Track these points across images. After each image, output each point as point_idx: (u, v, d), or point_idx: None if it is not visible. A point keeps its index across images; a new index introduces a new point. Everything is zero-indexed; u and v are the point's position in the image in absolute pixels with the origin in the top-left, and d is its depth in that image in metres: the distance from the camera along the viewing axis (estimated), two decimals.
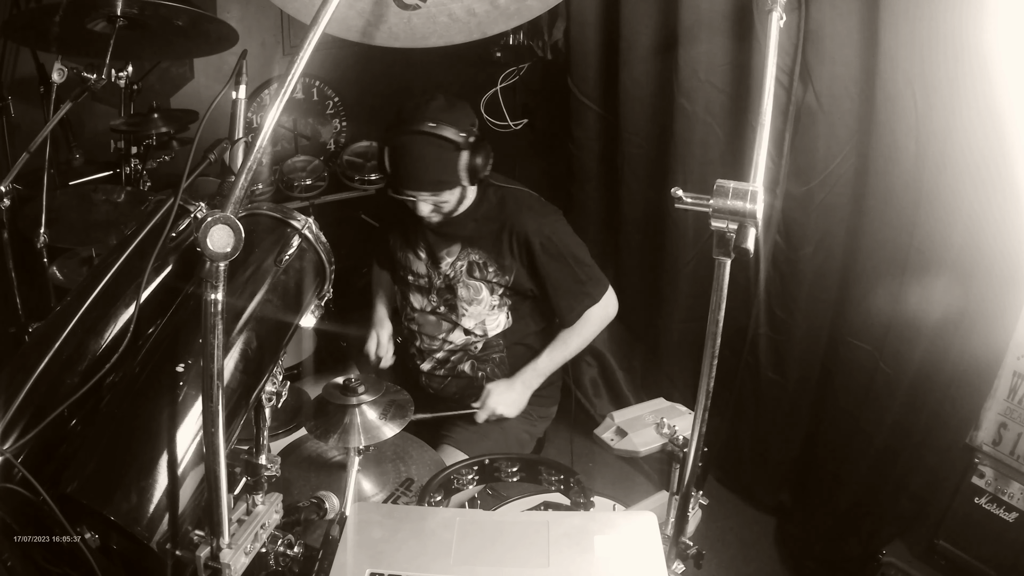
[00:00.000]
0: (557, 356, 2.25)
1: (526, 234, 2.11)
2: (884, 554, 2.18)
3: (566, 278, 2.16)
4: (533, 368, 2.24)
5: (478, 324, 2.22)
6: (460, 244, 2.18)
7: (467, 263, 2.18)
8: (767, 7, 1.21)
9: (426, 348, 2.30)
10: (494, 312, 2.22)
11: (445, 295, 2.23)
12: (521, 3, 1.59)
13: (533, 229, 2.11)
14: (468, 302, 2.20)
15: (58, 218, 2.17)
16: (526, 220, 2.13)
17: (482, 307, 2.20)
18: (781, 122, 2.21)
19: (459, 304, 2.20)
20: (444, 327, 2.26)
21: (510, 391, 2.21)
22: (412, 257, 2.27)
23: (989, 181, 1.86)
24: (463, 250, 2.18)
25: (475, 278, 2.18)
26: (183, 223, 1.37)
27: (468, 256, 2.18)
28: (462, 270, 2.18)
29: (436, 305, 2.26)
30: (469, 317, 2.21)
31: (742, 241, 1.09)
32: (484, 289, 2.18)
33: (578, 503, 1.60)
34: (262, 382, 1.26)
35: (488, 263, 2.16)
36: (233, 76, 1.68)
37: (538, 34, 3.04)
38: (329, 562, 1.21)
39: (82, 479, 1.09)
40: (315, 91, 3.57)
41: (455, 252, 2.19)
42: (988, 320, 1.96)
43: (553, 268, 2.14)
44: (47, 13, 1.87)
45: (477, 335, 2.24)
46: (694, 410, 1.28)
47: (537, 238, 2.11)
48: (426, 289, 2.27)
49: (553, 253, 2.13)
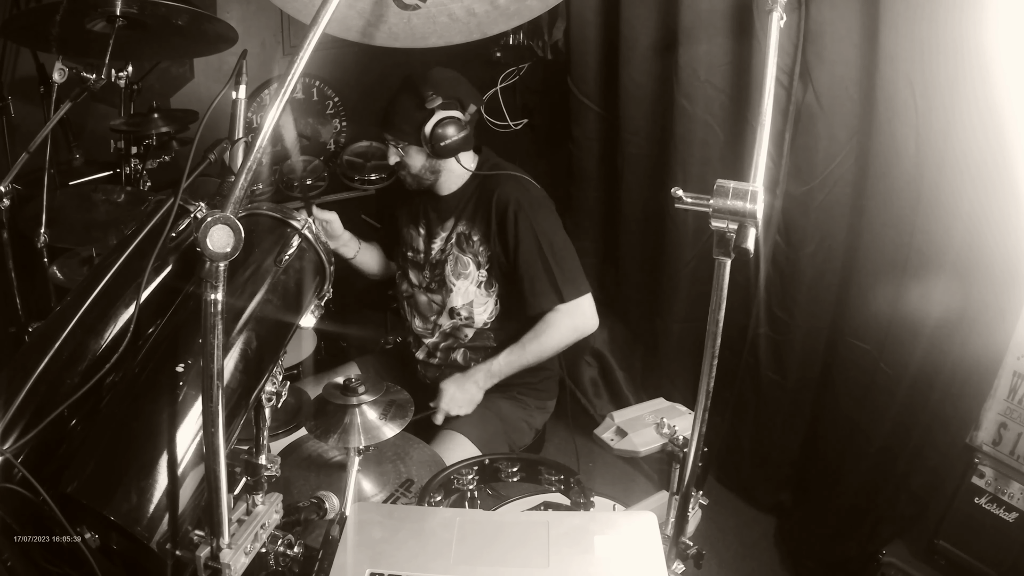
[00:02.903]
0: (513, 359, 2.20)
1: (506, 203, 2.14)
2: (884, 554, 2.18)
3: (534, 260, 2.13)
4: (487, 368, 2.20)
5: (465, 305, 2.24)
6: (453, 219, 2.25)
7: (456, 235, 2.23)
8: (767, 7, 1.21)
9: (420, 332, 2.34)
10: (481, 291, 2.23)
11: (436, 270, 2.28)
12: (521, 3, 1.59)
13: (513, 199, 2.13)
14: (456, 276, 2.23)
15: (58, 218, 2.17)
16: (509, 191, 2.16)
17: (469, 282, 2.22)
18: (781, 122, 2.21)
19: (447, 278, 2.24)
20: (434, 308, 2.30)
21: (461, 391, 2.19)
22: (413, 232, 2.35)
23: (989, 181, 1.86)
24: (456, 223, 2.24)
25: (462, 250, 2.22)
26: (183, 223, 1.36)
27: (457, 228, 2.23)
28: (452, 243, 2.24)
29: (428, 281, 2.31)
30: (457, 294, 2.23)
31: (742, 241, 1.09)
32: (471, 264, 2.22)
33: (578, 503, 1.60)
34: (262, 382, 1.26)
35: (473, 233, 2.21)
36: (233, 76, 1.67)
37: (538, 34, 3.05)
38: (329, 562, 1.21)
39: (82, 479, 1.09)
40: (315, 91, 3.57)
41: (448, 226, 2.26)
42: (988, 320, 1.96)
43: (524, 246, 2.12)
44: (47, 13, 1.87)
45: (463, 318, 2.25)
46: (694, 410, 1.28)
47: (513, 208, 2.13)
48: (420, 265, 2.33)
49: (525, 229, 2.12)
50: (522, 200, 2.14)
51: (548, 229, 2.16)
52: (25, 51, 2.80)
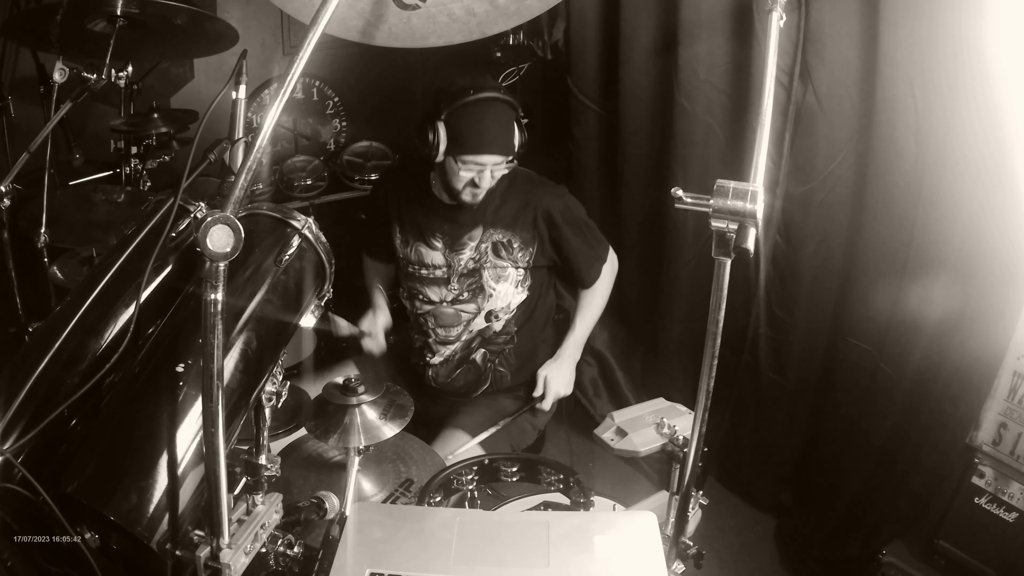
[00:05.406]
0: (588, 318, 2.37)
1: (548, 208, 2.22)
2: (884, 554, 2.18)
3: (583, 244, 2.29)
4: (572, 339, 2.35)
5: (504, 307, 2.27)
6: (482, 227, 2.22)
7: (491, 243, 2.22)
8: (767, 7, 1.21)
9: (440, 340, 2.30)
10: (518, 288, 2.27)
11: (468, 280, 2.24)
12: (521, 3, 1.60)
13: (554, 204, 2.23)
14: (496, 280, 2.24)
15: (58, 218, 2.18)
16: (544, 195, 2.25)
17: (508, 284, 2.25)
18: (781, 122, 2.21)
19: (486, 286, 2.24)
20: (464, 316, 2.27)
21: (562, 370, 2.32)
22: (426, 249, 2.26)
23: (989, 181, 1.86)
24: (485, 231, 2.22)
25: (499, 257, 2.22)
26: (183, 223, 1.37)
27: (491, 236, 2.22)
28: (487, 251, 2.22)
29: (458, 293, 2.26)
30: (497, 298, 2.25)
31: (742, 241, 1.10)
32: (509, 267, 2.23)
33: (578, 503, 1.60)
34: (262, 382, 1.26)
35: (512, 240, 2.22)
36: (233, 76, 1.67)
37: (538, 34, 3.05)
38: (329, 562, 1.21)
39: (82, 479, 1.09)
40: (315, 91, 3.57)
41: (477, 235, 2.22)
42: (988, 320, 1.96)
43: (573, 236, 2.26)
44: (47, 13, 1.87)
45: (498, 316, 2.28)
46: (694, 410, 1.28)
47: (558, 211, 2.23)
48: (444, 279, 2.26)
49: (571, 223, 2.26)
50: (560, 201, 2.26)
51: (581, 212, 2.31)
52: (25, 51, 2.80)
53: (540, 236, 2.24)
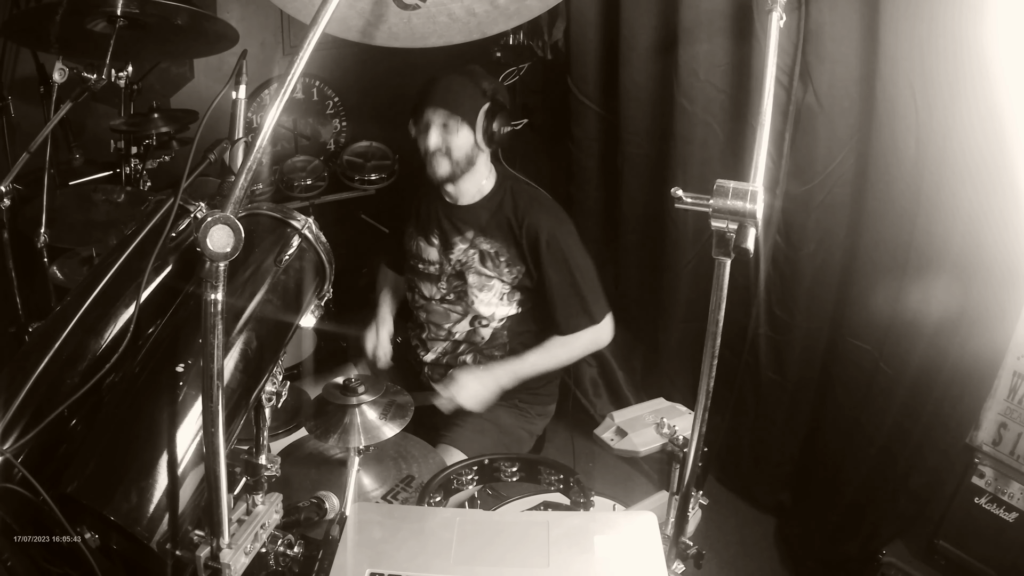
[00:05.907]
0: (539, 362, 2.19)
1: (536, 229, 2.13)
2: (884, 554, 2.18)
3: (565, 285, 2.15)
4: (511, 367, 2.17)
5: (489, 315, 2.23)
6: (473, 231, 2.20)
7: (478, 252, 2.20)
8: (767, 7, 1.21)
9: (432, 337, 2.30)
10: (504, 301, 2.22)
11: (455, 282, 2.24)
12: (521, 3, 1.59)
13: (543, 226, 2.13)
14: (479, 288, 2.20)
15: (58, 218, 2.18)
16: (538, 216, 2.15)
17: (492, 294, 2.20)
18: (781, 122, 2.21)
19: (469, 291, 2.21)
20: (452, 316, 2.26)
21: (476, 382, 2.12)
22: (424, 244, 2.29)
23: (989, 181, 1.86)
24: (475, 238, 2.20)
25: (486, 267, 2.19)
26: (183, 223, 1.37)
27: (479, 245, 2.20)
28: (473, 257, 2.20)
29: (445, 293, 2.26)
30: (480, 304, 2.21)
31: (742, 241, 1.10)
32: (496, 280, 2.20)
33: (578, 503, 1.60)
34: (262, 382, 1.26)
35: (499, 253, 2.18)
36: (233, 76, 1.67)
37: (538, 34, 3.05)
38: (329, 562, 1.21)
39: (82, 479, 1.09)
40: (315, 91, 3.57)
41: (468, 239, 2.21)
42: (988, 320, 1.96)
43: (554, 271, 2.14)
44: (47, 13, 1.87)
45: (484, 322, 2.24)
46: (694, 410, 1.28)
47: (544, 235, 2.12)
48: (436, 277, 2.27)
49: (556, 254, 2.13)
50: (553, 229, 2.14)
51: (577, 254, 2.17)
52: (25, 51, 2.80)
53: (527, 257, 2.16)
